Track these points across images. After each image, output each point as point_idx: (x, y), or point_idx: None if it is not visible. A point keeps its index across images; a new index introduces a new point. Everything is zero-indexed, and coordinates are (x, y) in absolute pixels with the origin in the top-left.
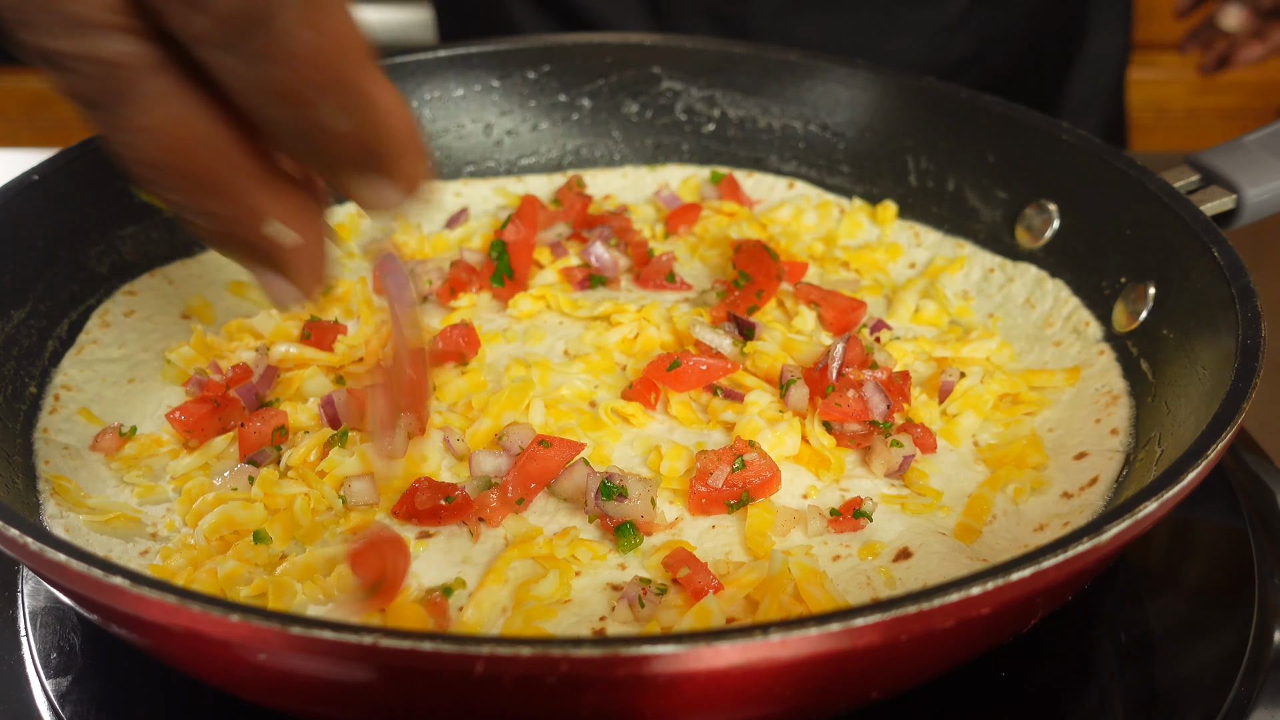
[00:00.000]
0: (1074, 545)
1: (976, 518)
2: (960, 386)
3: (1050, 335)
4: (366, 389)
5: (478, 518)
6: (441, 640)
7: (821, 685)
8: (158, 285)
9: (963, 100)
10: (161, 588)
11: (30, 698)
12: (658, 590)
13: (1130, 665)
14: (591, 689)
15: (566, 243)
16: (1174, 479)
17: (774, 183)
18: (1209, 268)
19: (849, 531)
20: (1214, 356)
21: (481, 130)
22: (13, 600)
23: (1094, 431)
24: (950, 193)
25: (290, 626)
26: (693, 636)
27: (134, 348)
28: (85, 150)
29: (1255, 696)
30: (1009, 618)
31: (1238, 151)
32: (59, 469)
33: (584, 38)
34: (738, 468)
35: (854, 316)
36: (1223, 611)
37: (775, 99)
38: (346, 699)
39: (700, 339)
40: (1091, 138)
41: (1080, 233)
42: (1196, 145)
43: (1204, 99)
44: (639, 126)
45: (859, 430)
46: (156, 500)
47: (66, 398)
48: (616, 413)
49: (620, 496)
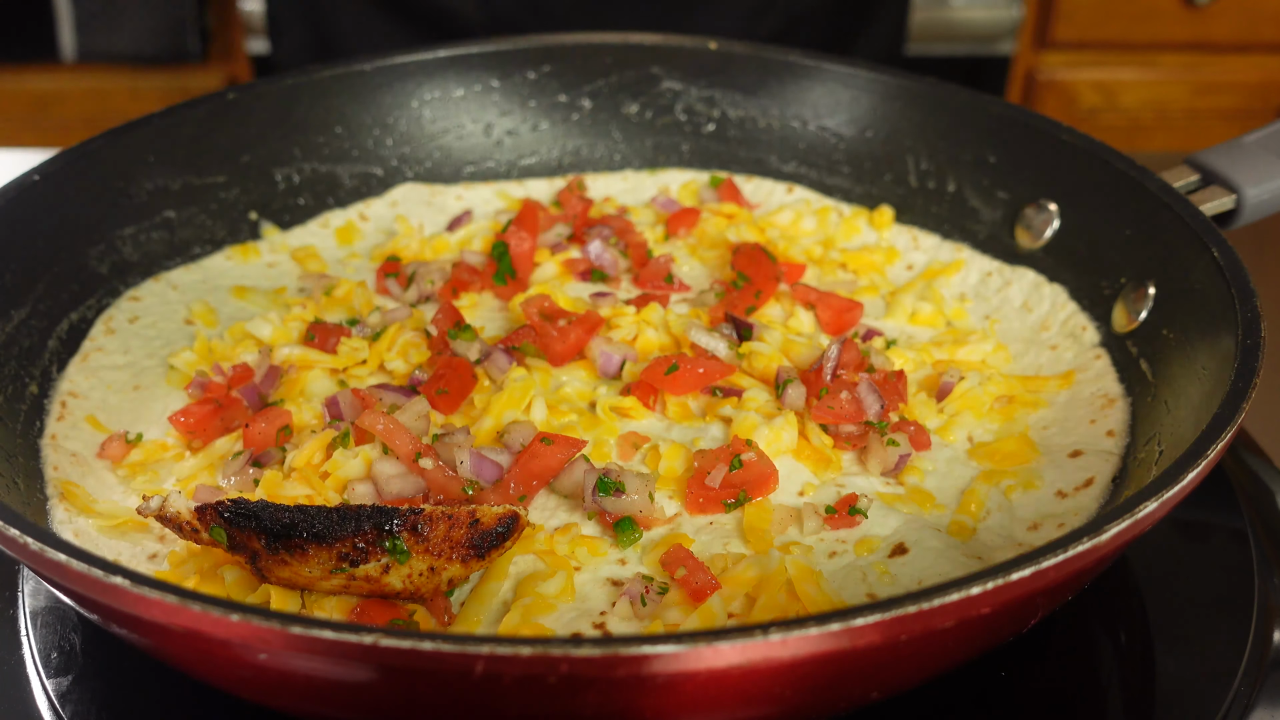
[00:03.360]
0: (1074, 545)
1: (971, 515)
2: (960, 388)
3: (1047, 339)
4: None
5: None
6: (441, 640)
7: (821, 685)
8: (161, 291)
9: (963, 101)
10: (162, 588)
11: (30, 697)
12: (659, 589)
13: (1130, 665)
14: (592, 688)
15: (567, 243)
16: (1174, 479)
17: (773, 187)
18: (1209, 268)
19: (845, 528)
20: (1214, 356)
21: (482, 130)
22: (13, 600)
23: (1089, 431)
24: (950, 193)
25: (290, 626)
26: (692, 636)
27: (138, 354)
28: (85, 150)
29: (1255, 696)
30: (1009, 618)
31: (1237, 151)
32: (67, 474)
33: (584, 38)
34: (735, 467)
35: (850, 317)
36: (1223, 611)
37: (775, 99)
38: (346, 699)
39: (695, 342)
40: (1091, 138)
41: (1080, 233)
42: (1196, 145)
43: (1204, 99)
44: (639, 127)
45: (854, 431)
46: None
47: (73, 405)
48: (614, 409)
49: (618, 492)
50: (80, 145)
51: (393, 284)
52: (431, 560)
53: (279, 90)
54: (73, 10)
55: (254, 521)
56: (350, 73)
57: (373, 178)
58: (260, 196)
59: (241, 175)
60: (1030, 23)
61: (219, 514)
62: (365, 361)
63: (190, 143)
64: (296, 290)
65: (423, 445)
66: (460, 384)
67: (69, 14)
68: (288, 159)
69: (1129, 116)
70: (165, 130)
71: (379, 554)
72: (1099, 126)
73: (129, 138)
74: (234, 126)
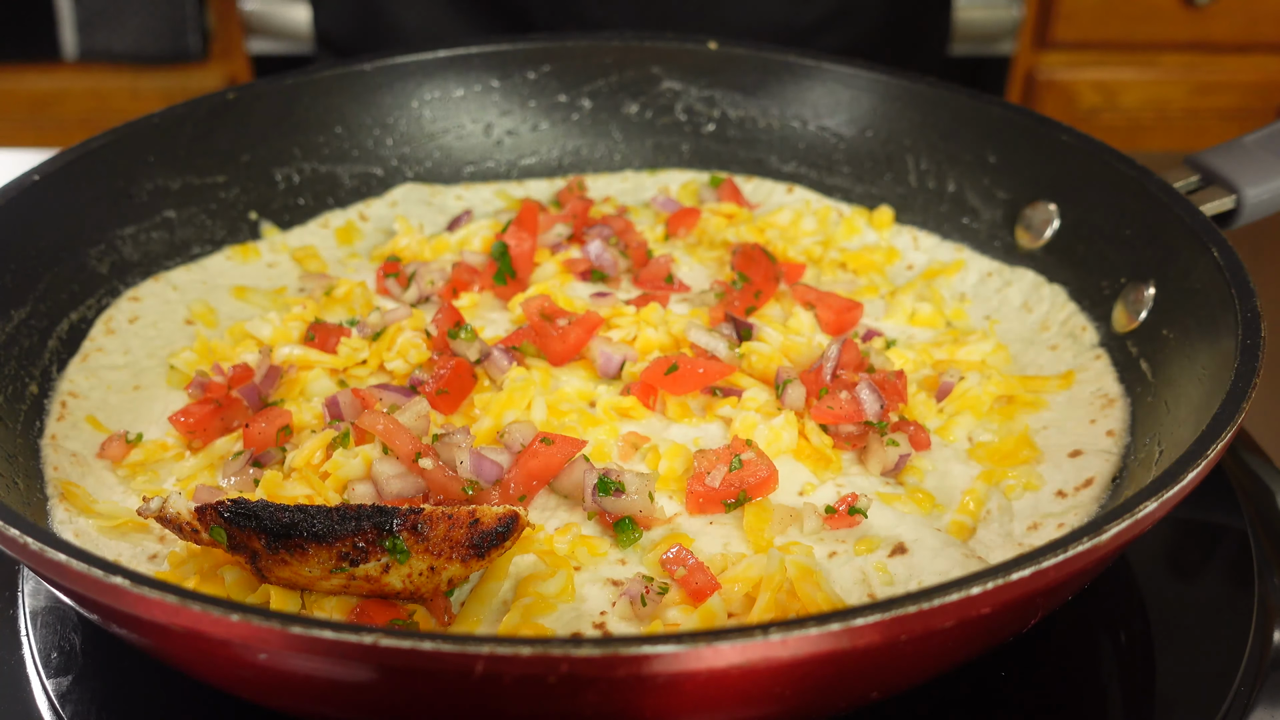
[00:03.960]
0: (1074, 545)
1: (970, 514)
2: (960, 388)
3: (1046, 339)
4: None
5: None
6: (441, 640)
7: (821, 685)
8: (161, 291)
9: (963, 101)
10: (162, 588)
11: (30, 697)
12: (659, 589)
13: (1130, 665)
14: (592, 688)
15: (567, 243)
16: (1174, 479)
17: (773, 188)
18: (1209, 268)
19: (844, 527)
20: (1214, 356)
21: (482, 130)
22: (13, 600)
23: (1089, 431)
24: (951, 193)
25: (290, 626)
26: (692, 636)
27: (138, 354)
28: (85, 150)
29: (1255, 696)
30: (1009, 617)
31: (1237, 151)
32: (67, 475)
33: (584, 38)
34: (735, 467)
35: (850, 317)
36: (1223, 611)
37: (775, 99)
38: (346, 699)
39: (694, 342)
40: (1091, 138)
41: (1080, 233)
42: (1196, 145)
43: (1204, 99)
44: (639, 127)
45: (854, 431)
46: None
47: (73, 405)
48: (614, 409)
49: (618, 492)
50: (80, 145)
51: (393, 284)
52: (431, 560)
53: (279, 90)
54: (74, 10)
55: (254, 521)
56: (350, 73)
57: (373, 178)
58: (260, 196)
59: (241, 175)
60: (1030, 23)
61: (219, 514)
62: (365, 361)
63: (190, 143)
64: (296, 290)
65: (423, 445)
66: (460, 384)
67: (70, 14)
68: (288, 159)
69: (1129, 116)
70: (165, 130)
71: (379, 554)
72: (1099, 126)
73: (129, 138)
74: (234, 126)
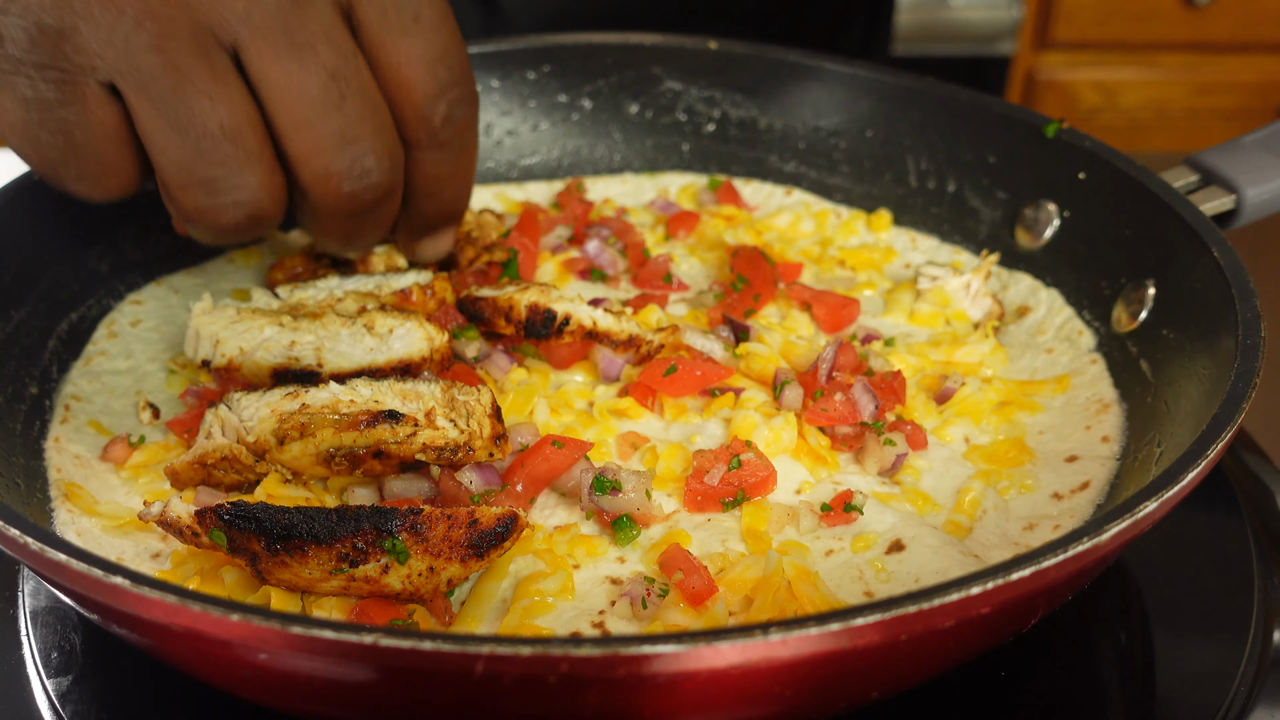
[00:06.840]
0: (1074, 545)
1: (966, 514)
2: (961, 393)
3: (1042, 342)
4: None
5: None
6: (441, 640)
7: (821, 685)
8: (163, 295)
9: (963, 100)
10: (162, 588)
11: (30, 697)
12: (660, 591)
13: (1130, 665)
14: (592, 688)
15: (567, 244)
16: (1174, 479)
17: (772, 190)
18: (1209, 268)
19: (841, 525)
20: (1214, 356)
21: (482, 131)
22: (13, 600)
23: (1084, 437)
24: (950, 193)
25: (290, 626)
26: (692, 636)
27: (140, 359)
28: None
29: (1255, 696)
30: (1009, 617)
31: (1237, 151)
32: (70, 476)
33: (584, 38)
34: (734, 467)
35: (846, 314)
36: (1223, 611)
37: (775, 99)
38: (346, 699)
39: (691, 344)
40: (1091, 138)
41: (1080, 233)
42: (1196, 145)
43: (1204, 99)
44: (639, 127)
45: (850, 432)
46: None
47: (76, 408)
48: (612, 410)
49: (614, 490)
50: None
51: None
52: (431, 560)
53: None
54: None
55: (254, 523)
56: None
57: None
58: None
59: None
60: (1030, 23)
61: (219, 517)
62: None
63: None
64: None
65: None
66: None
67: None
68: None
69: (1129, 116)
70: None
71: (378, 555)
72: (1099, 126)
73: None
74: None
